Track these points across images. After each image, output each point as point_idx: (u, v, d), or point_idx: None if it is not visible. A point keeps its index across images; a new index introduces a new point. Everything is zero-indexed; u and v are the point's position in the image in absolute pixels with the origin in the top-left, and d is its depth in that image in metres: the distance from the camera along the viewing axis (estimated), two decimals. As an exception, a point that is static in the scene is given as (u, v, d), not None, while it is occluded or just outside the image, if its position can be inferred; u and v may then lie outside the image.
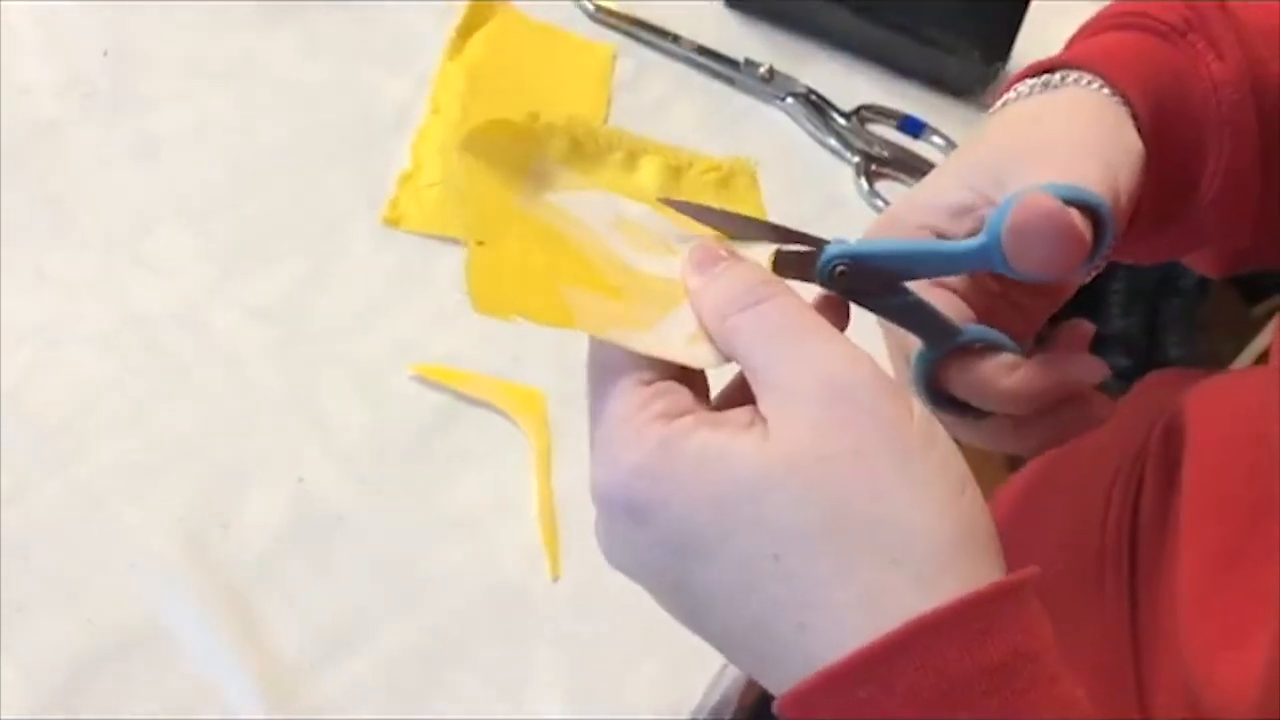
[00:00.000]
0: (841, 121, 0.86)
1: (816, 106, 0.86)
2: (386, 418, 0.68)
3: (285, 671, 0.59)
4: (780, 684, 0.34)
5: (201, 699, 0.58)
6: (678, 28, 0.87)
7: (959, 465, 0.36)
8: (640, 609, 0.63)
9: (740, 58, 0.87)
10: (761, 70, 0.86)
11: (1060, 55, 0.50)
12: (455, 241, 0.75)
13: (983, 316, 0.45)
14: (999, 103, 0.50)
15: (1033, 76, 0.50)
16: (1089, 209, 0.42)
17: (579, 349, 0.74)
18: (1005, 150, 0.45)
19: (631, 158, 0.52)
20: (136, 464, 0.64)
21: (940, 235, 0.45)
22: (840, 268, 0.41)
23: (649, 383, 0.37)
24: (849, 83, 0.89)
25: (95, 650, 0.59)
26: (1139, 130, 0.47)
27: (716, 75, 0.87)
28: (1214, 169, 0.50)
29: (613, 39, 0.87)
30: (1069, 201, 0.40)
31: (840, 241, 0.41)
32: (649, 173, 0.53)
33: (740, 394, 0.38)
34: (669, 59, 0.87)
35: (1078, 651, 0.49)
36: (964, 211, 0.44)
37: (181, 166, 0.75)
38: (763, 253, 0.41)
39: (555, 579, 0.65)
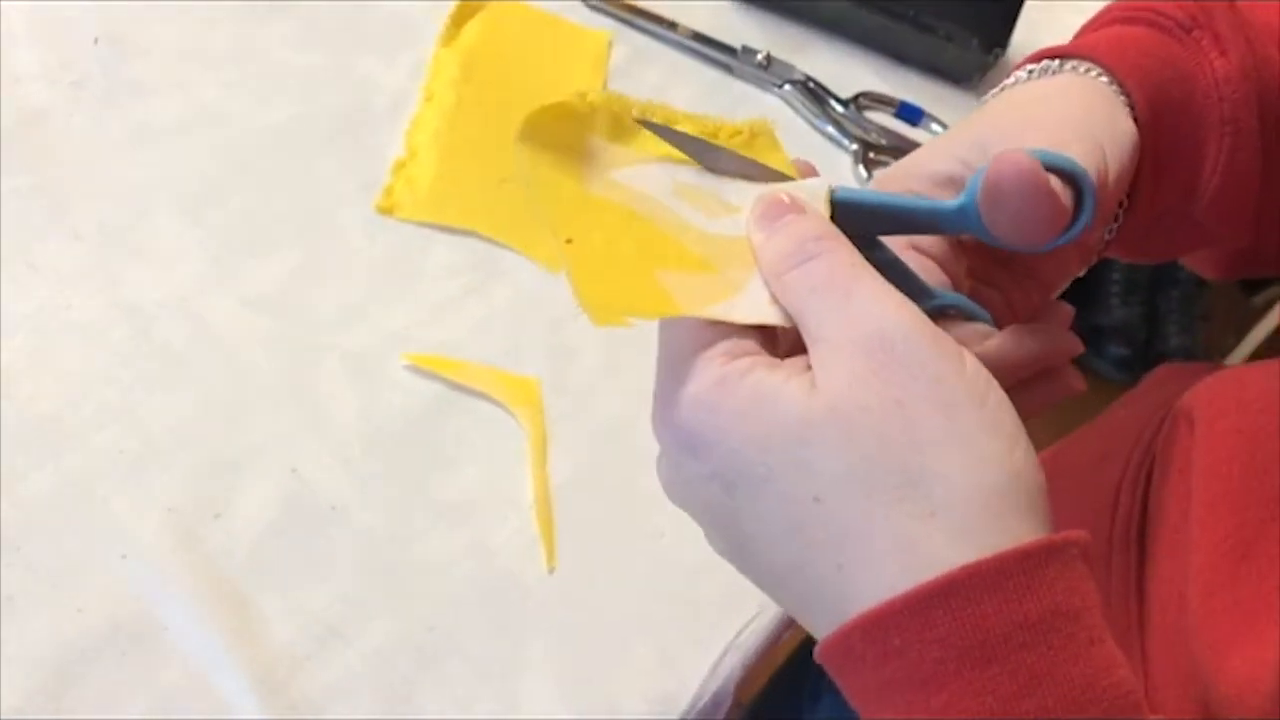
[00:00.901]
0: (839, 109, 0.86)
1: (814, 94, 0.86)
2: (380, 407, 0.68)
3: (278, 662, 0.59)
4: (820, 625, 0.36)
5: (194, 689, 0.58)
6: (674, 14, 0.86)
7: (1010, 421, 0.36)
8: (634, 600, 0.64)
9: (737, 45, 0.86)
10: (759, 57, 0.86)
11: (1063, 45, 0.50)
12: (448, 230, 0.74)
13: (969, 295, 0.45)
14: (998, 87, 0.50)
15: (1035, 64, 0.50)
16: (1069, 177, 0.41)
17: (572, 336, 0.74)
18: (995, 125, 0.46)
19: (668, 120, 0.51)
20: (128, 454, 0.64)
21: None
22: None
23: (710, 343, 0.38)
24: (847, 70, 0.88)
25: (86, 641, 0.58)
26: (1135, 120, 0.46)
27: (713, 62, 0.86)
28: (1214, 166, 0.49)
29: (608, 26, 0.86)
30: (1048, 167, 0.40)
31: (833, 187, 0.41)
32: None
33: (802, 345, 0.38)
34: (665, 46, 0.87)
35: None
36: (949, 181, 0.44)
37: (174, 155, 0.74)
38: (819, 188, 0.41)
39: (550, 570, 0.65)
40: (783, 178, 0.42)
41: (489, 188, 0.77)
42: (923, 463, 0.35)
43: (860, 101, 0.86)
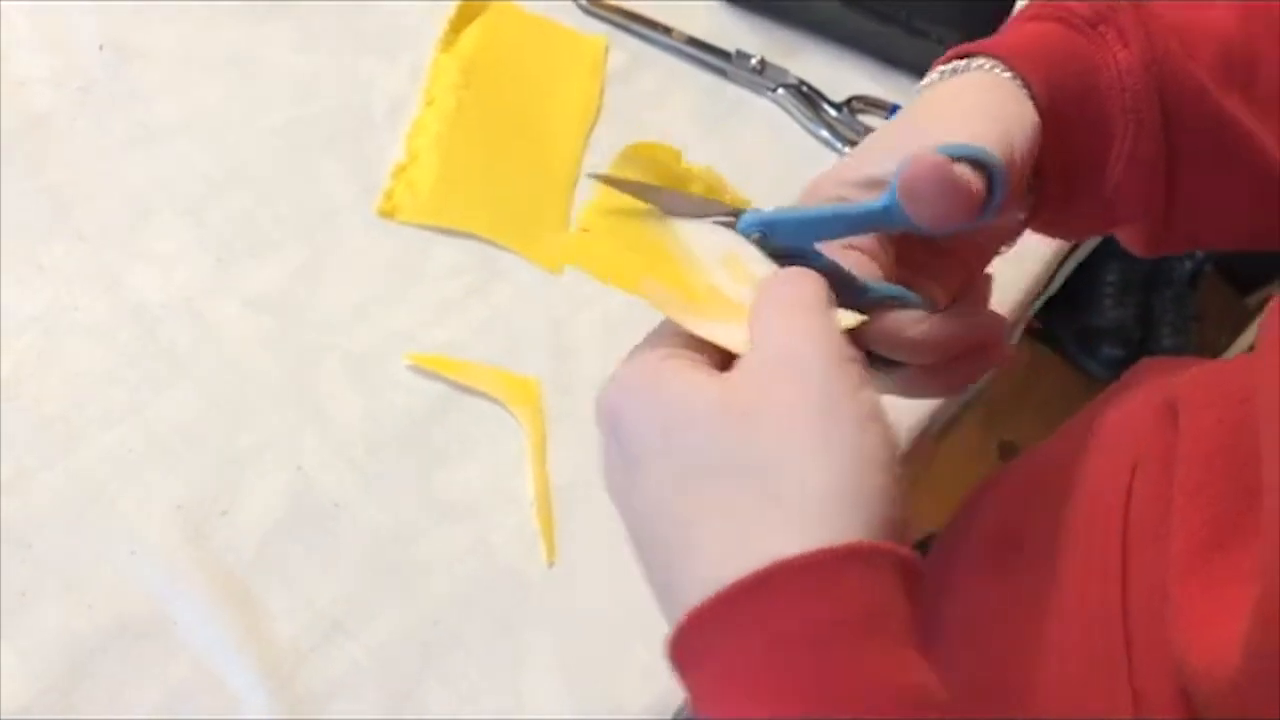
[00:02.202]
0: (833, 112, 0.87)
1: (808, 98, 0.87)
2: (383, 407, 0.69)
3: (283, 656, 0.60)
4: (670, 603, 0.39)
5: (201, 684, 0.59)
6: (669, 19, 0.88)
7: (884, 450, 0.39)
8: (634, 595, 0.64)
9: (732, 49, 0.87)
10: (753, 62, 0.87)
11: (972, 44, 0.54)
12: (449, 232, 0.75)
13: (901, 283, 0.49)
14: (917, 88, 0.55)
15: (946, 65, 0.54)
16: (980, 164, 0.46)
17: (572, 336, 0.75)
18: (913, 126, 0.50)
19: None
20: (135, 452, 0.65)
21: None
22: (755, 233, 0.46)
23: (677, 333, 0.42)
24: (840, 74, 0.89)
25: (95, 637, 0.59)
26: (1037, 109, 0.50)
27: (708, 67, 0.88)
28: (1119, 152, 0.53)
29: (605, 31, 0.87)
30: (958, 157, 0.45)
31: (756, 211, 0.46)
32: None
33: None
34: (661, 51, 0.88)
35: (1070, 634, 0.50)
36: (872, 184, 0.48)
37: (177, 158, 0.75)
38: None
39: (550, 565, 0.66)
40: (727, 207, 0.46)
41: (489, 190, 0.78)
42: (782, 466, 0.38)
43: (853, 105, 0.88)
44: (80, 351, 0.67)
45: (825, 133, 0.86)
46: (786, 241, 0.45)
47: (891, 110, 0.88)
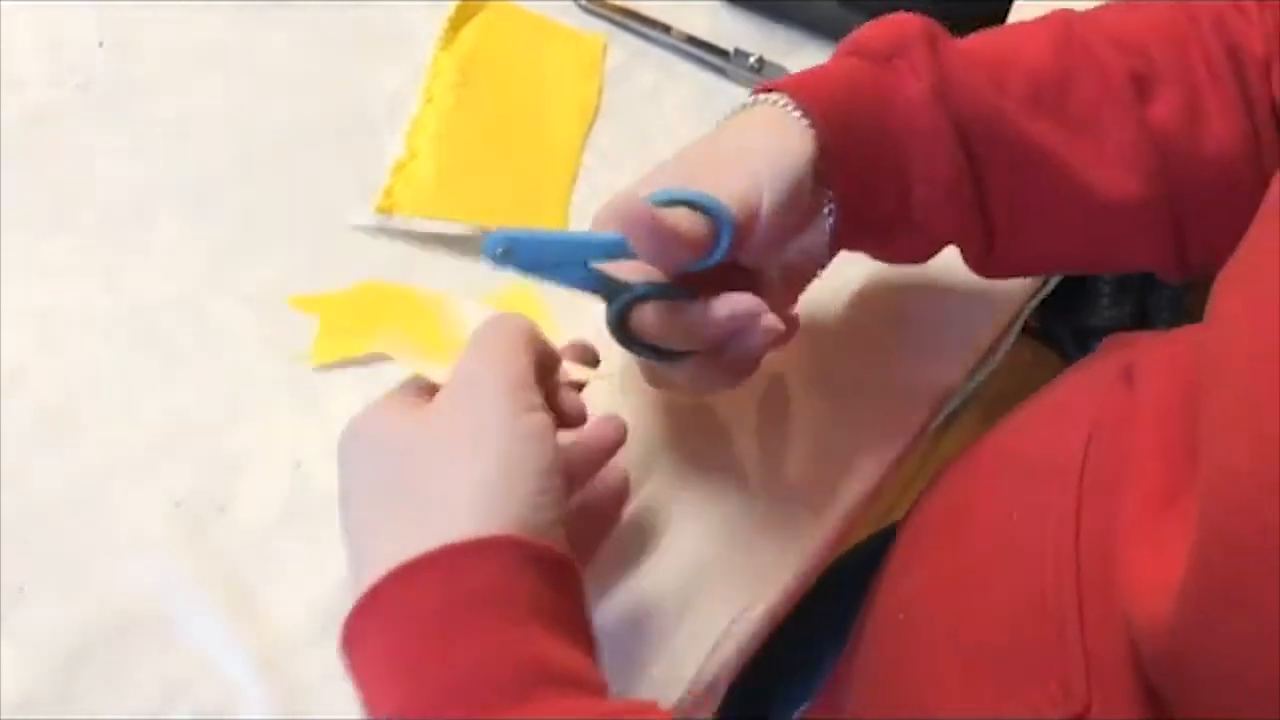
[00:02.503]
0: (830, 111, 0.87)
1: (805, 96, 0.87)
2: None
3: (282, 651, 0.60)
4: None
5: (199, 679, 0.59)
6: (668, 18, 0.88)
7: (535, 464, 0.47)
8: (629, 593, 0.65)
9: (730, 48, 0.88)
10: (751, 60, 0.87)
11: (773, 81, 0.59)
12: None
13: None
14: (720, 120, 0.60)
15: (750, 98, 0.60)
16: (704, 209, 0.52)
17: (571, 333, 0.75)
18: (687, 165, 0.56)
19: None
20: (134, 448, 0.65)
21: None
22: (500, 249, 0.52)
23: (414, 380, 0.54)
24: (838, 73, 0.89)
25: (94, 631, 0.59)
26: (819, 142, 0.56)
27: (707, 65, 0.88)
28: (918, 175, 0.58)
29: (603, 29, 0.88)
30: (683, 201, 0.52)
31: (503, 230, 0.52)
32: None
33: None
34: (659, 49, 0.88)
35: (1024, 597, 0.50)
36: None
37: (177, 156, 0.75)
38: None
39: (547, 561, 0.66)
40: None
41: (488, 188, 0.78)
42: (442, 475, 0.47)
43: (851, 104, 0.88)
44: (79, 348, 0.68)
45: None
46: (529, 262, 0.53)
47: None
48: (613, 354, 0.60)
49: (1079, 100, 0.59)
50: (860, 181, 0.57)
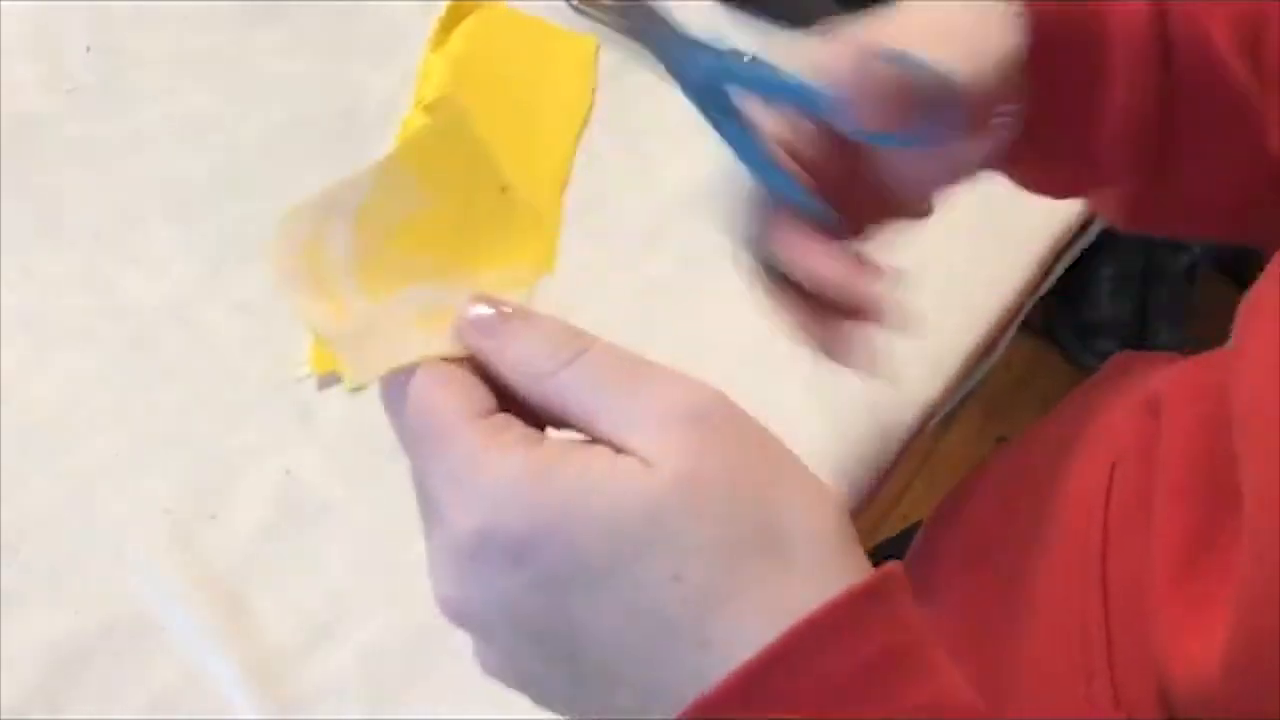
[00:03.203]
0: (825, 111, 0.87)
1: (800, 96, 0.87)
2: (372, 408, 0.68)
3: (272, 660, 0.60)
4: (666, 712, 0.33)
5: (189, 688, 0.59)
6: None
7: (811, 470, 0.36)
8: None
9: (725, 49, 0.87)
10: (745, 60, 0.87)
11: None
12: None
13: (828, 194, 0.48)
14: None
15: None
16: (931, 80, 0.44)
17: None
18: (897, 36, 0.47)
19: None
20: (124, 456, 0.65)
21: None
22: (747, 57, 0.47)
23: (487, 414, 0.35)
24: (832, 72, 0.89)
25: (83, 640, 0.59)
26: (1030, 41, 0.48)
27: (700, 66, 0.87)
28: (1115, 104, 0.51)
29: (596, 30, 0.87)
30: (910, 65, 0.43)
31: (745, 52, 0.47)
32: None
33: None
34: (653, 50, 0.87)
35: (1052, 635, 0.50)
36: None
37: (167, 162, 0.75)
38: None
39: (540, 567, 0.65)
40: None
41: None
42: (770, 520, 0.34)
43: (845, 103, 0.87)
44: (69, 355, 0.67)
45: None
46: (751, 85, 0.46)
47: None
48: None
49: (1271, 47, 0.53)
50: (1056, 98, 0.50)
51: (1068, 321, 1.85)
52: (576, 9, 0.87)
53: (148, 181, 0.74)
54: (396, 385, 0.36)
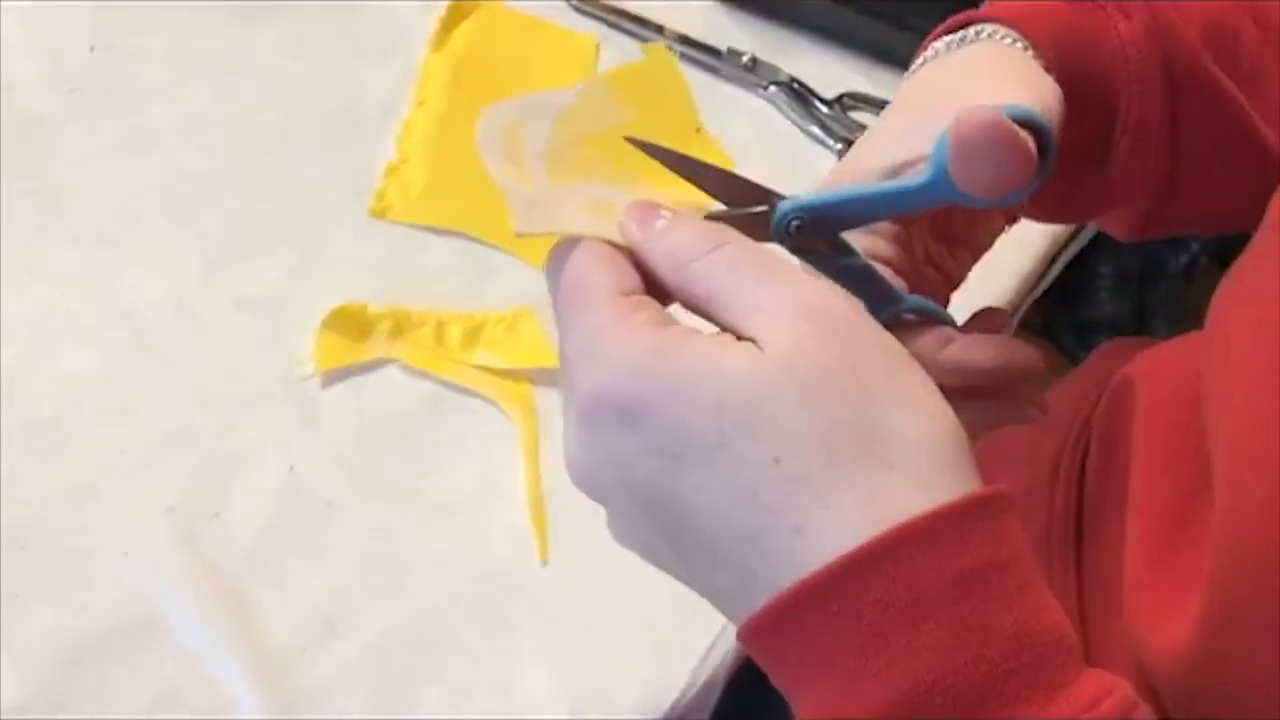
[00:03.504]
0: (824, 109, 0.87)
1: (799, 95, 0.87)
2: (375, 406, 0.69)
3: (276, 656, 0.60)
4: (760, 601, 0.35)
5: (193, 684, 0.59)
6: (660, 18, 0.88)
7: (933, 382, 0.37)
8: (626, 592, 0.65)
9: (723, 47, 0.87)
10: (744, 59, 0.87)
11: (975, 12, 0.50)
12: (441, 231, 0.76)
13: (910, 284, 0.46)
14: (919, 61, 0.51)
15: (948, 34, 0.50)
16: (1030, 126, 0.41)
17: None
18: (933, 103, 0.46)
19: (440, 326, 0.70)
20: (128, 454, 0.65)
21: None
22: (795, 222, 0.41)
23: (629, 293, 0.37)
24: (831, 71, 0.89)
25: (88, 638, 0.59)
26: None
27: (699, 65, 0.88)
28: (1124, 126, 0.51)
29: (596, 29, 0.87)
30: (1011, 117, 0.40)
31: (794, 196, 0.41)
32: (454, 333, 0.71)
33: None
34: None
35: None
36: (898, 170, 0.44)
37: (169, 160, 0.75)
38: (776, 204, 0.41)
39: (544, 563, 0.66)
40: (760, 189, 0.42)
41: (481, 190, 0.78)
42: (878, 419, 0.35)
43: (844, 102, 0.88)
44: (72, 353, 0.68)
45: (817, 130, 0.86)
46: (823, 230, 0.41)
47: (883, 107, 0.88)
48: None
49: (1248, 51, 0.54)
50: (1070, 129, 0.48)
51: (1067, 320, 1.85)
52: (577, 8, 0.88)
53: (149, 180, 0.74)
54: (560, 255, 0.39)
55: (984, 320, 0.47)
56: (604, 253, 0.38)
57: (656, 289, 0.38)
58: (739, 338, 0.36)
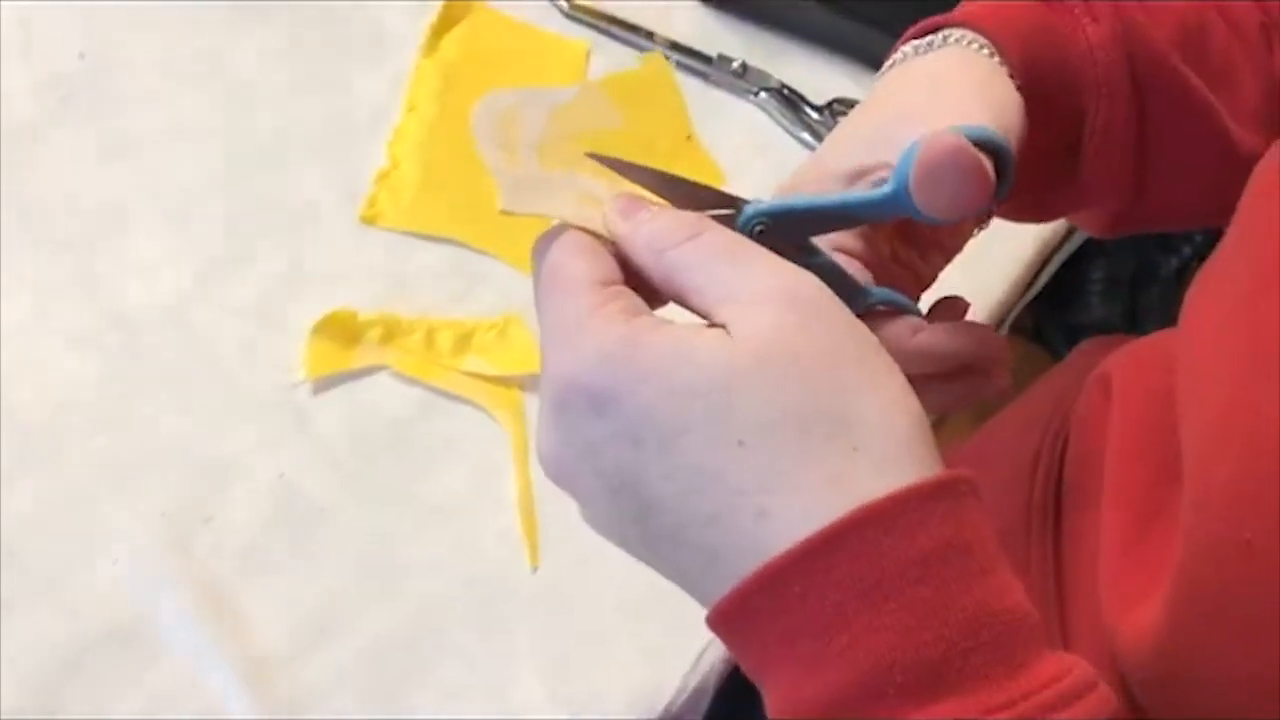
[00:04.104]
0: (814, 115, 0.87)
1: (789, 101, 0.87)
2: (366, 412, 0.69)
3: (268, 662, 0.60)
4: (723, 589, 0.35)
5: (186, 690, 0.59)
6: (651, 24, 0.88)
7: (899, 369, 0.38)
8: (618, 596, 0.65)
9: (714, 53, 0.88)
10: (734, 65, 0.87)
11: (945, 15, 0.51)
12: (432, 238, 0.76)
13: (878, 278, 0.47)
14: (887, 64, 0.52)
15: (918, 38, 0.51)
16: (989, 148, 0.43)
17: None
18: (898, 111, 0.47)
19: (430, 333, 0.71)
20: (119, 461, 0.65)
21: None
22: (759, 226, 0.42)
23: (606, 284, 0.38)
24: (821, 77, 0.89)
25: (81, 644, 0.60)
26: (1015, 87, 0.49)
27: (690, 71, 0.88)
28: (1091, 128, 0.52)
29: (587, 36, 0.87)
30: (972, 140, 0.41)
31: (757, 200, 0.42)
32: (445, 340, 0.71)
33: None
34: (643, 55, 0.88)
35: None
36: (862, 174, 0.45)
37: (159, 167, 0.75)
38: (744, 206, 0.43)
39: (534, 568, 0.66)
40: (725, 195, 0.43)
41: (472, 197, 0.78)
42: (844, 405, 0.35)
43: (835, 107, 0.88)
44: (64, 360, 0.68)
45: (807, 135, 0.86)
46: (788, 235, 0.43)
47: (872, 112, 0.88)
48: None
49: (1217, 49, 0.55)
50: (1038, 133, 0.50)
51: (1058, 323, 1.86)
52: (568, 15, 0.88)
53: (139, 187, 0.75)
54: (544, 244, 0.40)
55: (944, 309, 0.48)
56: (584, 242, 0.39)
57: (645, 288, 0.39)
58: (711, 325, 0.37)
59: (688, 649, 0.64)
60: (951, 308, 0.48)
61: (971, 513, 0.35)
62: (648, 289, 0.39)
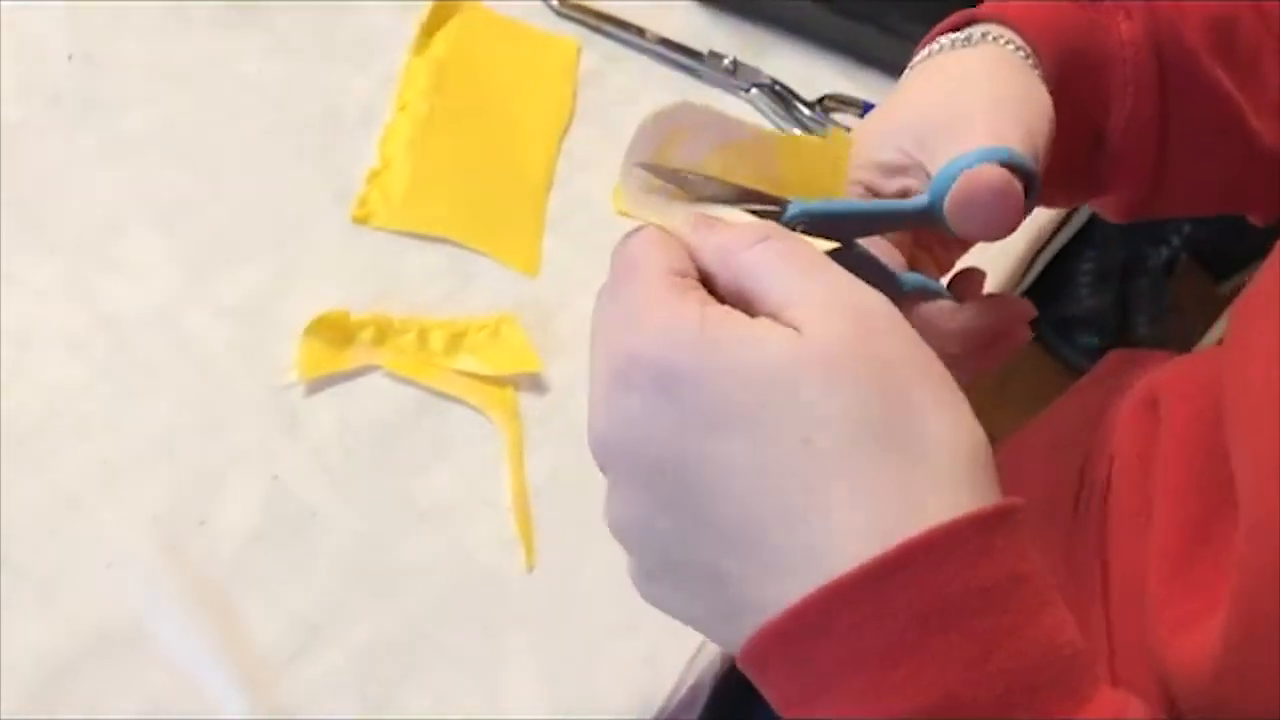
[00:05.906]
0: (806, 111, 0.87)
1: (781, 97, 0.87)
2: (359, 413, 0.69)
3: (263, 665, 0.60)
4: (771, 583, 0.34)
5: (180, 695, 0.59)
6: (642, 21, 0.88)
7: (962, 393, 0.37)
8: (612, 597, 0.65)
9: (704, 50, 0.88)
10: (726, 62, 0.87)
11: (980, 9, 0.52)
12: (424, 237, 0.76)
13: (909, 264, 0.49)
14: (921, 54, 0.53)
15: (953, 30, 0.52)
16: (1020, 171, 0.45)
17: (548, 339, 0.75)
18: (929, 113, 0.48)
19: (423, 333, 0.71)
20: (111, 464, 0.65)
21: (873, 190, 0.49)
22: (800, 225, 0.44)
23: (683, 275, 0.38)
24: (813, 73, 0.89)
25: (74, 649, 0.59)
26: (1046, 86, 0.50)
27: (681, 68, 0.88)
28: (1116, 124, 0.53)
29: (577, 33, 0.87)
30: (1004, 164, 0.44)
31: (801, 201, 0.44)
32: (437, 340, 0.71)
33: None
34: (633, 52, 0.88)
35: None
36: (894, 170, 0.48)
37: (148, 168, 0.75)
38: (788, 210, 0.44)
39: (529, 569, 0.66)
40: (780, 200, 0.44)
41: (463, 195, 0.78)
42: (910, 419, 0.35)
43: (826, 103, 0.88)
44: (54, 364, 0.67)
45: (798, 131, 0.86)
46: (825, 233, 0.44)
47: (865, 109, 0.88)
48: None
49: (1244, 42, 0.55)
50: (1064, 127, 0.51)
51: (1048, 316, 1.86)
52: (558, 12, 0.88)
53: (130, 189, 0.74)
54: (627, 236, 0.40)
55: (965, 283, 0.50)
56: (662, 236, 0.39)
57: (716, 295, 0.38)
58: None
59: (682, 650, 0.64)
60: (971, 280, 0.50)
61: (1028, 544, 0.35)
62: (718, 299, 0.38)
